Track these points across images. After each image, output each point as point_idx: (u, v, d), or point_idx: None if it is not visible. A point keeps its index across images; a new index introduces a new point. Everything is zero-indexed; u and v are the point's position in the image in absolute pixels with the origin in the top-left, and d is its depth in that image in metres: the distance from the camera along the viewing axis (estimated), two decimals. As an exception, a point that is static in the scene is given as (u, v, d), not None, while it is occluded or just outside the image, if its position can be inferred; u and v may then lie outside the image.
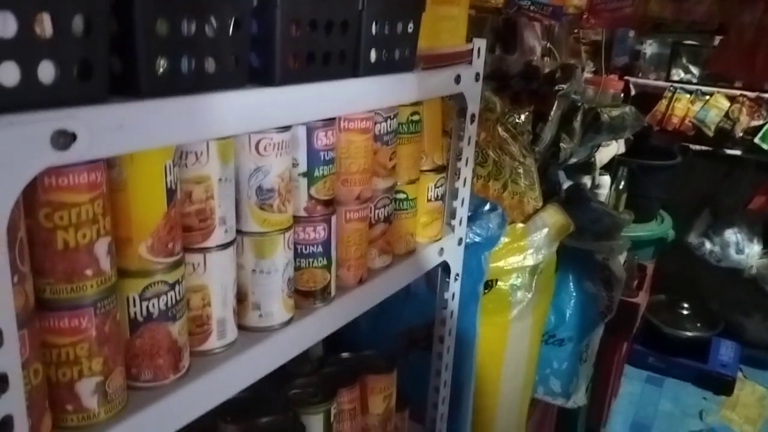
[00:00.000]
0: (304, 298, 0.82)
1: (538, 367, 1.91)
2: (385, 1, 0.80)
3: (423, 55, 0.94)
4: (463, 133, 1.13)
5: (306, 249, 0.80)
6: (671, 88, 2.90)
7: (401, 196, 1.01)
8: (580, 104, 2.18)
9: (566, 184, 2.39)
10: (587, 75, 2.88)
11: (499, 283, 1.65)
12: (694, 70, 2.86)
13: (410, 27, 0.87)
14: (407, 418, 1.18)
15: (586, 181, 2.78)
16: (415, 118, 0.99)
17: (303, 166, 0.78)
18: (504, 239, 1.65)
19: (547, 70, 2.28)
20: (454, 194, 1.16)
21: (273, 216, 0.74)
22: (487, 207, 1.51)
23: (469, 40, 2.39)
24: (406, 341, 1.41)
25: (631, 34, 2.74)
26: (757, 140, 2.74)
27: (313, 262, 0.81)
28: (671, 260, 3.04)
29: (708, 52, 2.71)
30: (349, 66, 0.78)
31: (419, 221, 1.07)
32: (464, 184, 1.16)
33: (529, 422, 1.93)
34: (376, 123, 0.89)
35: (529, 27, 2.25)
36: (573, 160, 2.27)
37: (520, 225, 1.70)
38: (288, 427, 0.88)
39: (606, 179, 2.78)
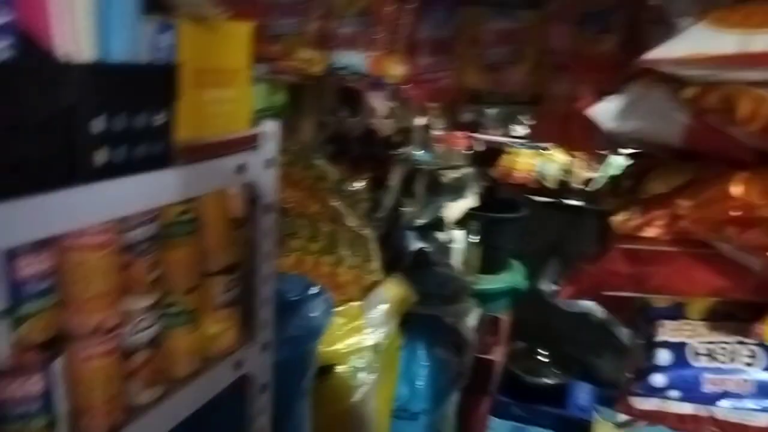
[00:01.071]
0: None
1: (393, 445, 1.80)
2: (110, 91, 0.67)
3: (188, 146, 0.82)
4: (258, 224, 1.01)
5: (15, 410, 0.63)
6: (513, 144, 2.99)
7: (175, 309, 0.86)
8: (420, 167, 2.15)
9: (416, 246, 2.35)
10: (436, 132, 2.91)
11: (338, 367, 1.53)
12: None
13: (159, 118, 0.74)
14: None
15: (439, 237, 2.77)
16: (186, 217, 0.86)
17: (1, 303, 0.61)
18: (340, 320, 1.54)
19: (386, 134, 2.24)
20: (253, 294, 1.03)
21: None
22: (313, 291, 1.39)
23: (304, 105, 2.28)
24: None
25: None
26: (591, 190, 2.87)
27: (27, 424, 0.64)
28: (526, 309, 3.08)
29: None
30: (65, 171, 0.63)
31: (205, 334, 0.93)
32: (265, 282, 1.04)
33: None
34: (124, 232, 0.75)
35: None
36: (418, 223, 2.22)
37: (357, 303, 1.60)
38: None
39: (458, 234, 2.78)
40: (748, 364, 0.69)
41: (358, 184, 1.87)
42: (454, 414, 2.14)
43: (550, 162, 2.91)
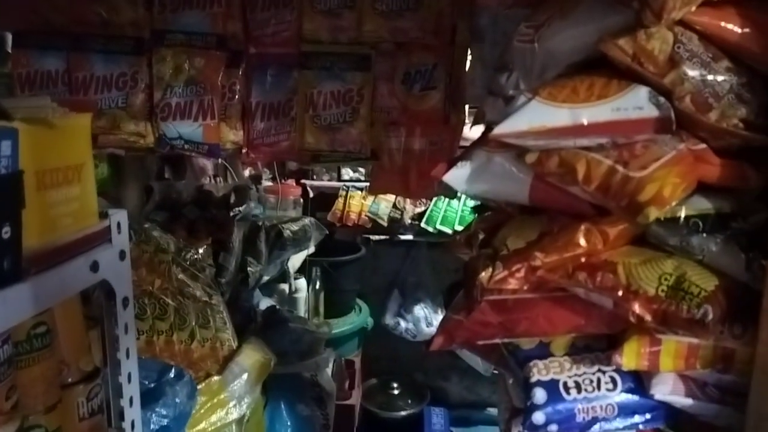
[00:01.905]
0: None
1: None
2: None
3: (36, 254, 0.74)
4: (117, 320, 0.94)
5: None
6: (344, 187, 3.07)
7: (36, 433, 0.77)
8: (261, 224, 2.12)
9: (263, 303, 2.31)
10: (266, 183, 2.90)
11: (203, 449, 1.45)
12: (362, 168, 3.09)
13: (5, 232, 0.67)
14: None
15: (283, 288, 2.75)
16: (41, 330, 0.77)
17: None
18: (201, 398, 1.46)
19: (221, 194, 2.19)
20: (118, 393, 0.95)
21: None
22: (172, 374, 1.31)
23: (133, 170, 2.14)
24: None
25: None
26: (423, 225, 3.04)
27: None
28: (375, 344, 3.16)
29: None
30: None
31: (72, 451, 0.84)
32: (129, 380, 0.96)
33: None
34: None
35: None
36: (264, 279, 2.19)
37: (216, 378, 1.53)
38: None
39: (302, 282, 2.78)
40: (610, 390, 0.79)
41: (200, 251, 1.80)
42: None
43: (381, 201, 3.04)
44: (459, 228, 2.97)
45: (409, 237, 3.14)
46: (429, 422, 3.31)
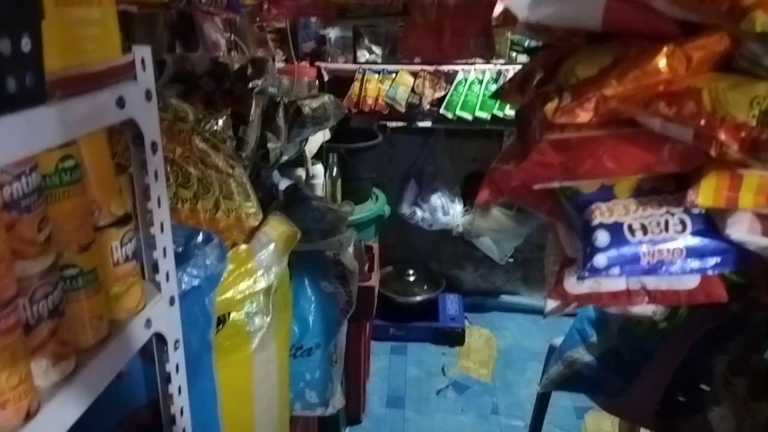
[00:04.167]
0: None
1: (291, 383, 1.77)
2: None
3: (60, 78, 0.68)
4: (146, 167, 0.88)
5: None
6: (360, 70, 2.94)
7: (72, 271, 0.74)
8: (279, 99, 2.04)
9: (282, 184, 2.26)
10: (279, 65, 2.77)
11: (232, 315, 1.45)
12: (378, 50, 2.94)
13: (25, 43, 0.60)
14: None
15: (300, 173, 2.70)
16: (69, 164, 0.72)
17: None
18: (229, 266, 1.44)
19: (237, 66, 2.09)
20: (151, 244, 0.92)
21: None
22: (200, 238, 1.28)
23: (136, 42, 2.05)
24: (132, 429, 1.13)
25: (314, 19, 2.69)
26: (442, 111, 2.93)
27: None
28: (391, 233, 3.16)
29: (390, 31, 2.80)
30: None
31: (109, 294, 0.81)
32: (162, 230, 0.92)
33: (292, 437, 1.79)
34: (3, 186, 0.61)
35: (209, 19, 2.03)
36: (284, 158, 2.13)
37: (244, 246, 1.51)
38: None
39: (319, 168, 2.73)
40: (679, 231, 0.74)
41: (219, 122, 1.73)
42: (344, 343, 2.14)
43: (399, 86, 2.92)
44: (480, 113, 2.87)
45: (428, 124, 3.04)
46: (444, 307, 3.37)
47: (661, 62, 0.67)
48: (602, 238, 0.74)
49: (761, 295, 0.78)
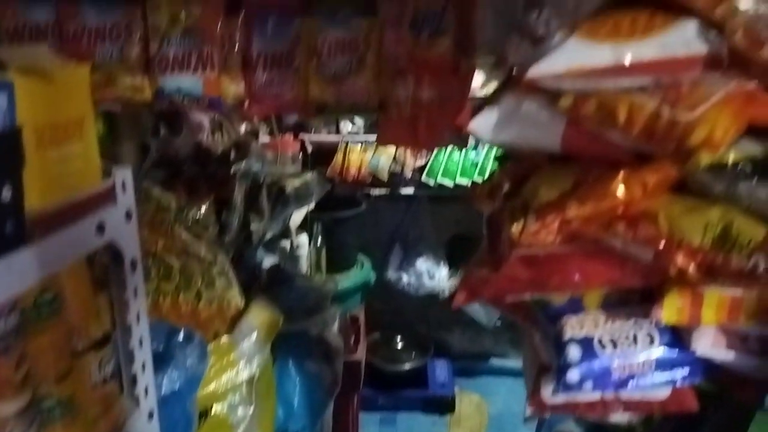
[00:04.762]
0: None
1: (277, 470, 1.74)
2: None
3: (41, 216, 0.69)
4: (125, 285, 0.90)
5: None
6: (343, 141, 3.01)
7: (49, 403, 0.74)
8: (262, 180, 2.07)
9: (267, 259, 2.27)
10: (264, 138, 2.82)
11: (214, 408, 1.43)
12: (360, 121, 3.01)
13: (5, 192, 0.62)
14: None
15: (285, 245, 2.71)
16: (48, 297, 0.73)
17: None
18: (211, 359, 1.43)
19: (220, 150, 2.13)
20: (130, 359, 0.92)
21: None
22: (181, 337, 1.28)
23: (128, 127, 2.07)
24: None
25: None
26: (424, 178, 2.99)
27: None
28: (377, 299, 3.15)
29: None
30: None
31: (86, 417, 0.81)
32: (140, 345, 0.93)
33: None
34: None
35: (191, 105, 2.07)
36: (268, 236, 2.16)
37: (226, 338, 1.50)
38: None
39: (304, 239, 2.75)
40: (648, 345, 0.76)
41: (202, 209, 1.75)
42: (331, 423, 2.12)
43: (381, 155, 2.98)
44: (461, 180, 2.93)
45: (410, 191, 3.09)
46: (433, 374, 3.34)
47: (618, 187, 0.70)
48: (574, 353, 0.76)
49: (737, 397, 0.80)
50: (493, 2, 1.33)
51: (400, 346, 3.42)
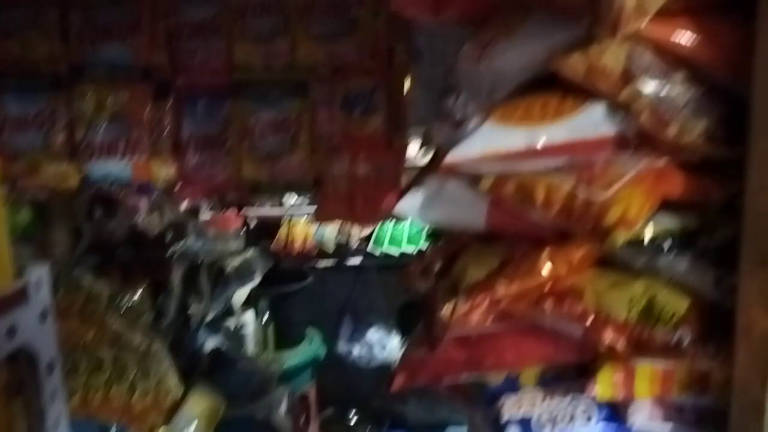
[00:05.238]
0: None
1: None
2: None
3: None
4: (41, 389, 0.84)
5: None
6: (287, 215, 2.99)
7: None
8: (200, 261, 2.02)
9: (209, 341, 2.19)
10: (205, 216, 2.78)
11: None
12: (300, 197, 3.02)
13: None
14: None
15: (229, 324, 2.63)
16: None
17: None
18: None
19: (156, 231, 2.08)
20: (49, 471, 0.85)
21: None
22: (111, 436, 1.21)
23: (60, 213, 2.01)
24: None
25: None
26: (370, 248, 2.99)
27: None
28: (328, 373, 3.06)
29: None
30: None
31: None
32: (61, 454, 0.86)
33: None
34: None
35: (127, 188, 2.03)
36: (209, 318, 2.09)
37: (163, 430, 1.43)
38: None
39: (249, 316, 2.67)
40: (586, 421, 0.75)
41: (135, 296, 1.69)
42: None
43: (326, 226, 2.97)
44: (407, 248, 2.93)
45: (357, 261, 3.08)
46: (390, 448, 3.24)
47: (544, 265, 0.70)
48: (512, 434, 0.74)
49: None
50: (421, 82, 1.38)
51: (354, 421, 3.32)
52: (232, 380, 1.89)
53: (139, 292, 1.71)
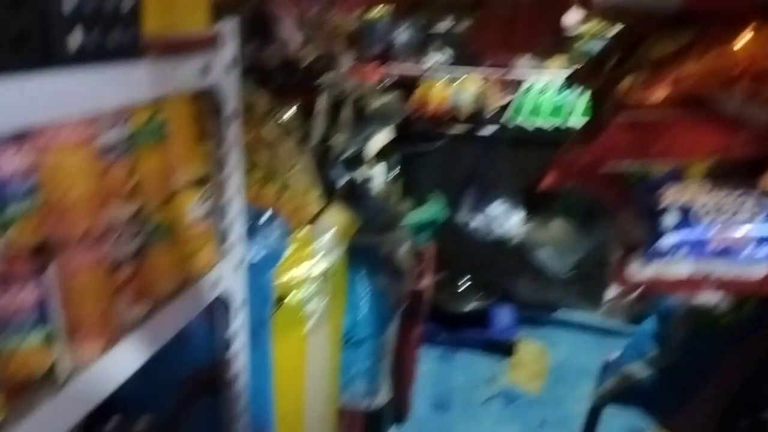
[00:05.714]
0: (15, 394, 0.56)
1: (340, 372, 1.80)
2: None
3: (154, 40, 0.72)
4: (223, 136, 0.93)
5: (10, 322, 0.54)
6: (426, 74, 2.97)
7: (153, 223, 0.78)
8: (346, 95, 2.09)
9: (342, 180, 2.30)
10: (347, 66, 2.83)
11: (290, 297, 1.48)
12: (443, 55, 2.97)
13: (127, 3, 0.65)
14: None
15: (359, 173, 2.74)
16: (156, 123, 0.77)
17: (-16, 205, 0.52)
18: (289, 249, 1.48)
19: (307, 62, 2.15)
20: (224, 210, 0.96)
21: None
22: (266, 217, 1.33)
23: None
24: (190, 389, 1.18)
25: (383, 17, 2.74)
26: (506, 118, 2.93)
27: (23, 338, 0.55)
28: (447, 239, 3.14)
29: (457, 37, 2.83)
30: (37, 53, 0.54)
31: (183, 250, 0.85)
32: (234, 198, 0.96)
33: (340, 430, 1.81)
34: (98, 134, 0.66)
35: (283, 18, 2.10)
36: (347, 154, 2.18)
37: (305, 230, 1.55)
38: None
39: (379, 169, 2.76)
40: (751, 218, 0.72)
41: (288, 113, 1.79)
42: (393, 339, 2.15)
43: (464, 91, 2.93)
44: (546, 121, 2.85)
45: (491, 131, 3.04)
46: (496, 317, 3.33)
47: (742, 41, 0.66)
48: (670, 219, 0.73)
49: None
50: None
51: (465, 287, 3.42)
52: (364, 211, 1.98)
53: (291, 111, 1.80)
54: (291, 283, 1.46)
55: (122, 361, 0.70)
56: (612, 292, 0.80)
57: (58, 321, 0.58)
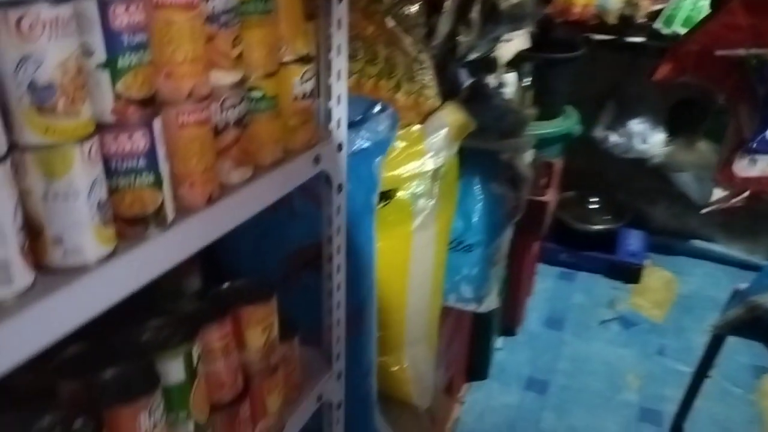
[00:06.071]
0: (130, 225, 0.65)
1: (448, 274, 1.84)
2: None
3: None
4: (330, 15, 0.96)
5: (123, 164, 0.63)
6: (572, -26, 2.78)
7: (257, 94, 0.84)
8: (475, -8, 2.01)
9: (466, 82, 2.26)
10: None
11: (399, 192, 1.53)
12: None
13: None
14: (298, 345, 1.06)
15: (490, 79, 2.66)
16: (264, -4, 0.81)
17: (101, 55, 0.59)
18: (400, 144, 1.51)
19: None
20: (327, 91, 1.00)
21: (59, 122, 0.56)
22: (377, 108, 1.36)
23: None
24: (297, 263, 1.28)
25: None
26: (658, 25, 2.68)
27: (136, 180, 0.64)
28: (579, 156, 3.02)
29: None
30: None
31: (286, 124, 0.91)
32: (338, 78, 1.00)
33: (443, 330, 1.87)
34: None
35: None
36: (473, 56, 2.13)
37: (417, 127, 1.57)
38: (138, 377, 0.74)
39: (511, 76, 2.66)
40: None
41: (413, 7, 1.77)
42: (507, 249, 2.15)
43: (612, -6, 2.71)
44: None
45: (639, 40, 2.81)
46: (624, 241, 3.20)
47: None
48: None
49: None
50: None
51: (594, 207, 3.31)
52: (486, 113, 1.95)
53: (416, 5, 1.78)
54: (399, 180, 1.50)
55: (225, 214, 0.78)
56: (716, 192, 0.75)
57: (165, 168, 0.66)
